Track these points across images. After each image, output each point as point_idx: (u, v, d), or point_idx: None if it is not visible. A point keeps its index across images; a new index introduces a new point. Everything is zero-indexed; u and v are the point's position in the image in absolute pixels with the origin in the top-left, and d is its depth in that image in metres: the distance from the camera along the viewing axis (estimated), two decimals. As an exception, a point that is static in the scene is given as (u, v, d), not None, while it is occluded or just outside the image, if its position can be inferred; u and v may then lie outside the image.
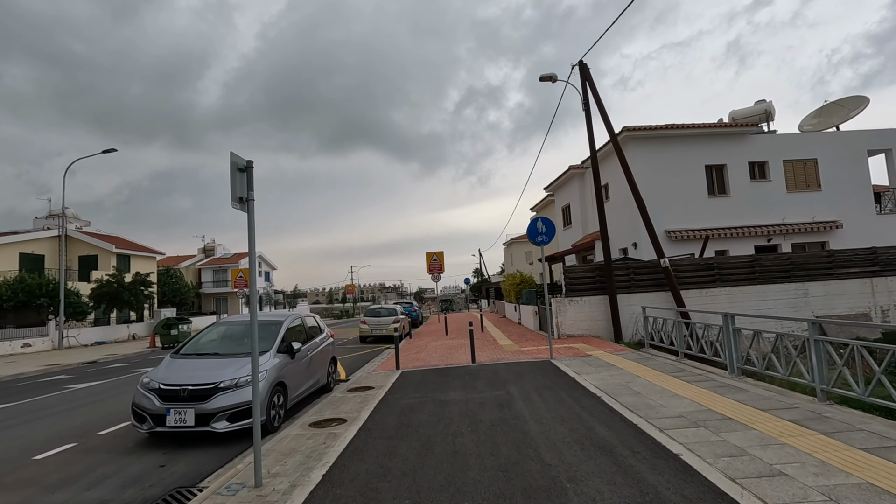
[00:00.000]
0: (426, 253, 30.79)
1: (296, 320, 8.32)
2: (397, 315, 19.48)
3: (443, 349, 14.30)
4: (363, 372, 11.35)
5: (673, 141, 19.05)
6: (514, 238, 55.90)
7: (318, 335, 9.12)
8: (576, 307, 14.79)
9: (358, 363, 13.53)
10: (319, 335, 9.16)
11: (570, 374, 8.63)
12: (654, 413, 5.68)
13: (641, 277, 15.16)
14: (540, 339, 15.36)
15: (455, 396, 7.45)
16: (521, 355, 11.71)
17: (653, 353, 10.41)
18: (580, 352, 11.43)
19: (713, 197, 19.10)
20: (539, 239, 10.85)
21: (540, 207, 34.43)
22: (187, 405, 5.95)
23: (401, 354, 13.48)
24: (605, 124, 15.10)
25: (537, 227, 10.84)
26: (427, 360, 12.12)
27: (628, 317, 14.69)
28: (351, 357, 15.17)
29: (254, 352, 4.51)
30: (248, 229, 4.61)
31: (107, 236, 35.75)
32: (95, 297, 28.05)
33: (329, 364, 9.28)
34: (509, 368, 9.75)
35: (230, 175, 4.43)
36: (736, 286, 15.19)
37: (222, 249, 57.79)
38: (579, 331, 14.71)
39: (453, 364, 10.95)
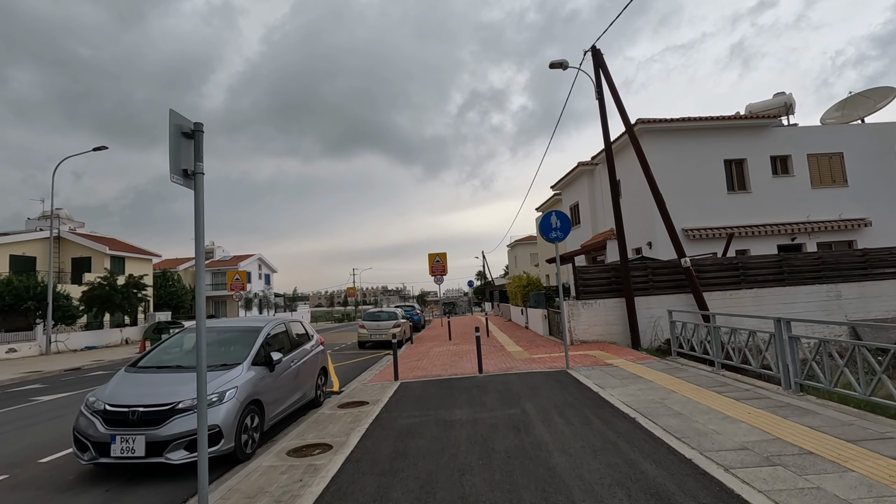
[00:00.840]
0: (428, 255, 29.84)
1: (278, 327, 7.27)
2: (398, 319, 18.43)
3: (446, 356, 13.23)
4: (358, 382, 10.29)
5: (689, 134, 17.97)
6: (518, 240, 54.85)
7: (306, 343, 8.06)
8: (590, 311, 13.70)
9: (354, 371, 12.46)
10: (307, 343, 8.11)
11: (593, 387, 7.54)
12: (708, 443, 4.59)
13: (660, 278, 14.05)
14: (551, 345, 14.26)
15: (461, 415, 6.38)
16: (532, 364, 10.62)
17: (682, 363, 9.31)
18: (598, 360, 10.34)
19: (733, 193, 18.00)
20: (553, 235, 9.79)
21: (546, 207, 33.34)
22: (137, 431, 4.90)
23: (401, 362, 12.42)
24: (619, 114, 14.04)
25: (551, 223, 9.78)
26: (429, 369, 11.05)
27: (646, 321, 13.59)
28: (347, 364, 14.11)
29: (200, 366, 3.46)
30: (195, 211, 3.57)
31: (101, 238, 34.85)
32: (86, 300, 27.09)
33: (318, 375, 8.22)
34: (522, 380, 8.66)
35: (170, 141, 3.40)
36: (763, 287, 14.06)
37: (221, 252, 56.92)
38: (594, 336, 13.61)
39: (458, 374, 9.88)
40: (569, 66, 14.10)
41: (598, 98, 14.18)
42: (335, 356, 16.31)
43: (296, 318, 8.37)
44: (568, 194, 26.37)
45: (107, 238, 35.61)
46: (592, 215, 23.26)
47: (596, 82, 14.12)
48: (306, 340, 8.15)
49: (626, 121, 14.07)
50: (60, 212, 34.97)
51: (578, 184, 24.39)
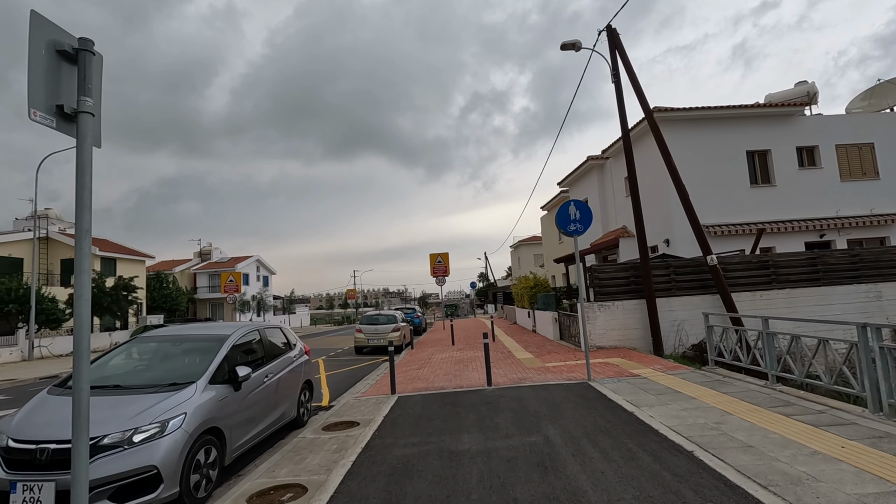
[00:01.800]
0: (430, 255, 28.60)
1: (249, 335, 6.08)
2: (397, 322, 17.24)
3: (449, 363, 12.03)
4: (351, 395, 9.10)
5: (709, 124, 16.78)
6: (521, 240, 53.63)
7: (286, 353, 6.88)
8: (607, 314, 12.50)
9: (348, 381, 11.27)
10: (287, 353, 6.92)
11: (625, 405, 6.34)
12: (810, 496, 3.39)
13: (683, 278, 12.85)
14: (563, 351, 13.04)
15: (470, 444, 5.18)
16: (547, 374, 9.42)
17: (723, 375, 8.08)
18: (622, 370, 9.13)
19: (756, 187, 16.79)
20: (572, 228, 8.60)
21: (552, 206, 32.17)
22: (46, 475, 3.72)
23: (400, 370, 11.23)
24: (638, 98, 12.87)
25: (569, 214, 8.59)
26: (431, 379, 9.86)
27: (669, 325, 12.39)
28: (342, 373, 12.92)
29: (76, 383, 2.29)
30: (78, 169, 2.40)
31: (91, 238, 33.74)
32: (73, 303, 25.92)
33: (301, 391, 7.03)
34: (538, 395, 7.46)
35: (31, 60, 2.22)
36: (795, 287, 12.85)
37: (219, 253, 55.80)
38: (611, 341, 12.41)
39: (464, 386, 8.68)
40: (582, 46, 12.96)
41: (613, 81, 13.03)
42: (329, 363, 15.13)
43: (274, 324, 7.18)
44: (576, 191, 25.17)
45: (97, 239, 34.49)
46: (603, 212, 22.06)
47: (612, 64, 12.96)
48: (287, 350, 6.96)
49: (645, 106, 12.89)
50: (49, 212, 33.91)
51: (587, 179, 23.20)
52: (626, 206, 20.00)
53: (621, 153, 19.82)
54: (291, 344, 7.20)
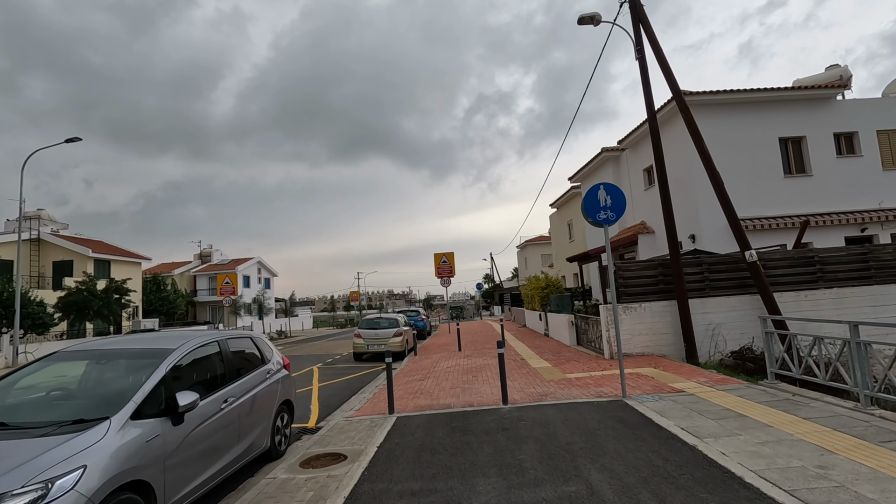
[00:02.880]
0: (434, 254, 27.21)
1: (203, 348, 4.78)
2: (399, 326, 15.94)
3: (457, 374, 10.72)
4: (342, 413, 7.81)
5: (738, 109, 15.40)
6: (528, 240, 52.28)
7: (257, 368, 5.60)
8: (632, 317, 11.15)
9: (343, 393, 9.98)
10: (259, 368, 5.64)
11: (682, 435, 5.00)
12: None
13: (719, 276, 11.47)
14: (584, 358, 11.69)
15: (488, 495, 3.88)
16: (571, 388, 8.08)
17: (789, 391, 6.71)
18: (660, 383, 7.79)
19: (790, 177, 15.38)
20: (602, 216, 7.27)
21: (561, 203, 30.83)
22: None
23: (401, 381, 9.92)
24: (665, 77, 11.53)
25: (598, 199, 7.26)
26: (435, 393, 8.55)
27: (702, 329, 11.02)
28: (337, 384, 11.63)
29: None
30: None
31: (83, 240, 32.74)
32: (62, 306, 24.87)
33: (277, 414, 5.74)
34: (566, 417, 6.14)
35: None
36: (844, 287, 11.44)
37: (220, 255, 54.78)
38: (638, 348, 11.06)
39: (474, 404, 7.37)
40: (601, 20, 11.65)
41: (638, 58, 11.70)
42: (325, 371, 13.85)
43: (242, 333, 5.88)
44: (589, 185, 23.77)
45: (90, 240, 33.49)
46: (618, 208, 20.66)
47: (635, 39, 11.64)
48: (258, 364, 5.68)
49: (673, 85, 11.54)
50: (42, 213, 32.93)
51: (601, 173, 21.83)
52: (644, 200, 18.64)
53: (640, 143, 18.49)
54: (265, 357, 5.91)
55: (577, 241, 27.59)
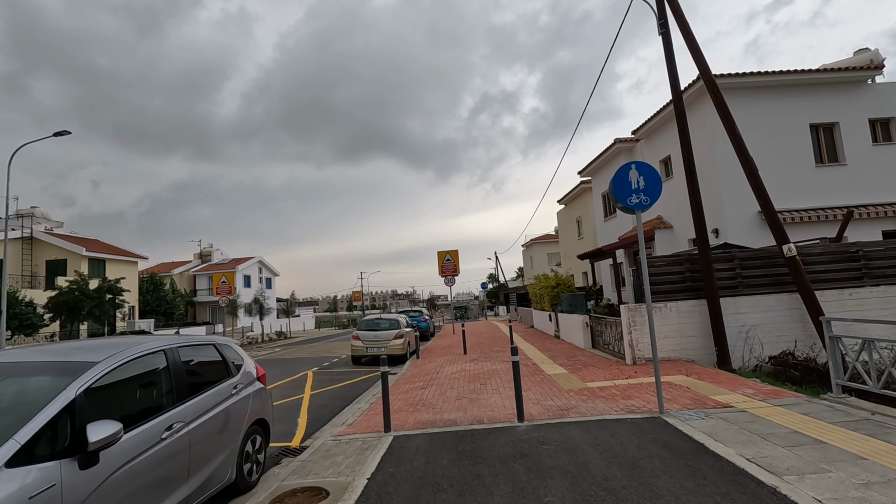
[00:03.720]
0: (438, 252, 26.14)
1: (141, 361, 3.73)
2: (400, 328, 14.90)
3: (462, 381, 9.67)
4: (332, 429, 6.79)
5: (764, 94, 14.29)
6: (533, 239, 51.18)
7: (221, 382, 4.57)
8: (657, 318, 10.05)
9: (336, 403, 8.95)
10: (224, 382, 4.61)
11: (754, 471, 3.94)
12: None
13: (752, 273, 10.38)
14: (603, 364, 10.61)
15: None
16: (595, 400, 7.01)
17: (866, 408, 5.61)
18: (699, 395, 6.71)
19: (822, 166, 14.24)
20: (634, 200, 6.20)
21: (570, 199, 29.71)
22: None
23: (401, 389, 8.87)
24: (691, 53, 10.47)
25: (629, 180, 6.19)
26: (439, 405, 7.51)
27: (735, 331, 9.95)
28: (331, 391, 10.60)
29: None
30: None
31: (77, 238, 31.89)
32: (52, 306, 23.97)
33: (246, 437, 4.72)
34: (597, 440, 5.08)
35: None
36: (891, 285, 10.33)
37: (220, 255, 53.96)
38: (664, 352, 9.97)
39: (484, 420, 6.33)
40: (621, -9, 10.54)
41: (661, 33, 10.63)
42: (319, 377, 12.84)
43: (203, 340, 4.82)
44: (600, 179, 22.69)
45: (85, 239, 32.65)
46: (632, 202, 19.54)
47: (658, 12, 10.58)
48: (222, 378, 4.65)
49: (700, 63, 10.45)
50: (35, 210, 32.12)
51: (614, 165, 20.70)
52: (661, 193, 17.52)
53: (656, 133, 17.26)
54: (232, 368, 4.88)
55: (587, 238, 26.50)
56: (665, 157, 17.10)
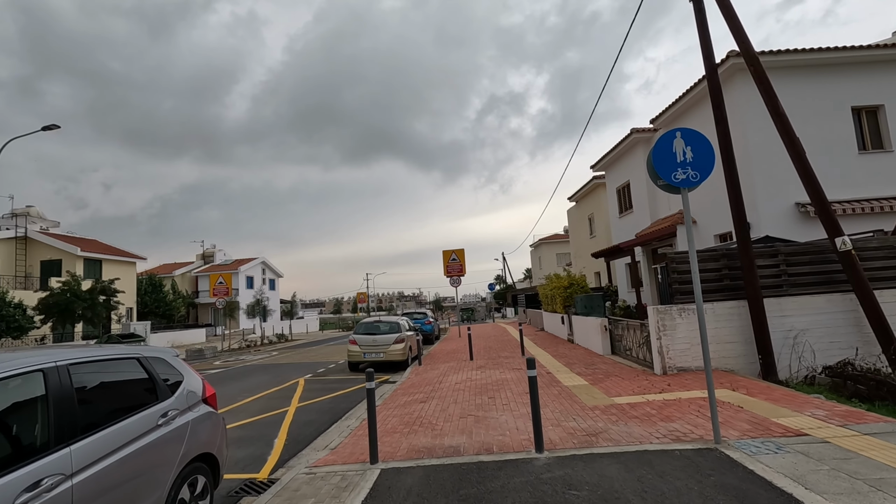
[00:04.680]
0: (443, 251, 25.07)
1: (15, 385, 2.58)
2: (401, 332, 13.72)
3: (468, 393, 8.48)
4: (311, 455, 5.63)
5: (801, 74, 12.99)
6: (542, 239, 49.93)
7: (141, 409, 3.41)
8: (690, 321, 8.82)
9: (321, 420, 7.80)
10: (145, 409, 3.45)
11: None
12: None
13: (800, 270, 9.11)
14: (626, 373, 9.36)
15: None
16: (628, 421, 5.79)
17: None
18: (756, 417, 5.47)
19: (865, 153, 12.90)
20: (680, 176, 4.98)
21: (580, 196, 28.43)
22: None
23: (398, 402, 7.61)
24: (728, 24, 9.23)
25: (673, 152, 4.97)
26: (439, 425, 6.33)
27: (780, 336, 8.68)
28: (320, 403, 9.45)
29: None
30: None
31: (72, 238, 31.09)
32: (43, 308, 23.09)
33: (179, 481, 3.55)
34: (642, 483, 3.88)
35: None
36: (961, 284, 9.00)
37: (223, 256, 53.16)
38: (698, 360, 8.73)
39: (494, 448, 5.14)
40: (647, -47, 9.35)
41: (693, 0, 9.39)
42: (311, 385, 11.70)
43: (123, 353, 3.66)
44: (615, 174, 21.41)
45: (81, 238, 31.86)
46: (651, 197, 18.28)
47: (689, -25, 9.34)
48: (146, 403, 3.49)
49: (739, 35, 9.19)
50: (31, 209, 31.36)
51: (630, 158, 19.44)
52: (683, 187, 16.22)
53: (679, 119, 15.65)
54: (163, 389, 3.72)
55: (600, 236, 25.21)
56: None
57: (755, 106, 12.58)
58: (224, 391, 11.44)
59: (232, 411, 8.94)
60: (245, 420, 8.11)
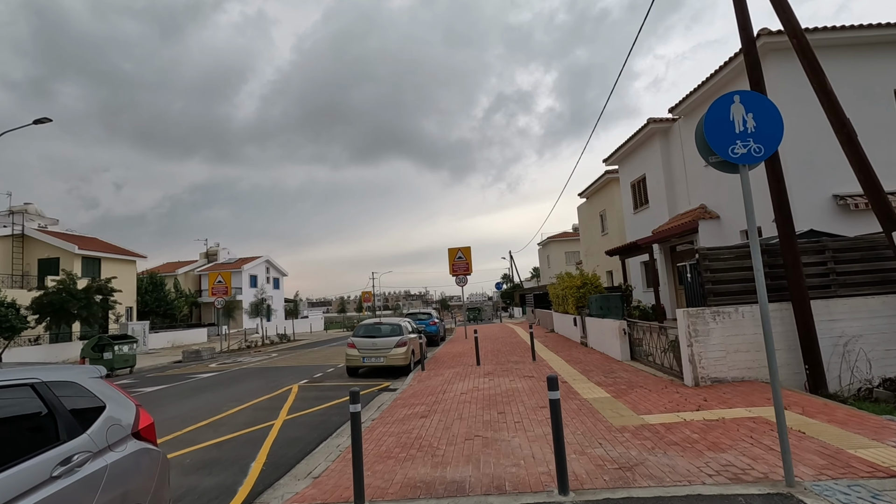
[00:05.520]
0: (449, 249, 24.09)
1: None
2: (403, 334, 12.81)
3: (475, 406, 7.54)
4: (289, 486, 4.75)
5: (840, 54, 11.92)
6: (551, 237, 48.84)
7: (39, 452, 2.49)
8: (726, 326, 7.81)
9: (309, 437, 6.89)
10: (47, 451, 2.54)
11: None
12: None
13: (850, 268, 8.08)
14: (651, 383, 8.37)
15: None
16: (668, 449, 4.82)
17: None
18: (827, 448, 4.49)
19: (911, 141, 11.79)
20: (739, 150, 3.99)
21: (591, 192, 27.36)
22: None
23: (395, 417, 6.65)
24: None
25: (731, 119, 4.00)
26: (441, 450, 5.40)
27: (828, 343, 7.67)
28: (312, 414, 8.55)
29: None
30: None
31: (72, 236, 30.50)
32: (37, 308, 22.45)
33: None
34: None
35: None
36: None
37: (227, 254, 52.61)
38: (735, 370, 7.72)
39: (506, 486, 4.21)
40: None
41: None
42: (304, 393, 10.81)
43: (10, 378, 2.78)
44: (629, 168, 20.34)
45: (80, 236, 31.27)
46: (669, 191, 17.22)
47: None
48: (40, 447, 2.58)
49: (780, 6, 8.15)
50: (29, 207, 30.81)
51: (647, 150, 18.38)
52: (705, 179, 15.16)
53: (701, 107, 14.38)
54: (71, 425, 2.80)
55: (612, 233, 24.14)
56: None
57: (789, 89, 11.55)
58: (210, 400, 10.59)
59: (212, 425, 8.07)
60: (224, 436, 7.23)
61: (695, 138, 4.24)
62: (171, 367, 19.41)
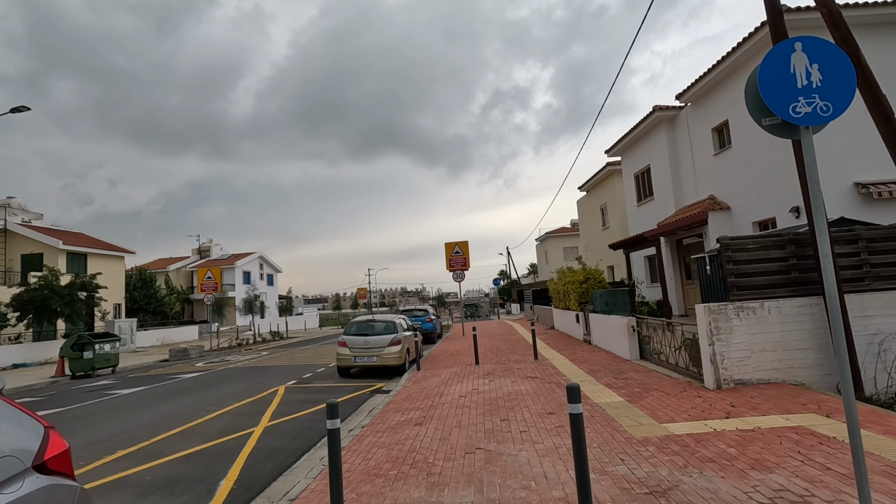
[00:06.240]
0: (445, 244, 23.43)
1: None
2: (397, 332, 12.08)
3: (475, 412, 6.83)
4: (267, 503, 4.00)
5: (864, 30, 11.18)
6: (549, 232, 48.13)
7: None
8: (751, 323, 7.12)
9: (290, 448, 6.15)
10: None
11: None
12: None
13: (886, 260, 7.39)
14: (667, 385, 7.67)
15: None
16: (703, 467, 4.11)
17: None
18: (892, 465, 3.79)
19: (936, 126, 11.10)
20: (802, 108, 3.26)
21: (591, 185, 26.66)
22: None
23: (387, 424, 5.94)
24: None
25: (791, 71, 3.27)
26: (438, 466, 4.68)
27: (862, 342, 7.01)
28: (296, 420, 7.81)
29: None
30: None
31: (56, 231, 29.57)
32: (17, 305, 21.60)
33: None
34: None
35: None
36: None
37: (219, 250, 51.65)
38: (761, 372, 7.03)
39: (517, 518, 3.48)
40: None
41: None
42: (292, 394, 10.07)
43: None
44: (633, 158, 19.64)
45: (65, 231, 30.36)
46: (675, 182, 16.52)
47: None
48: None
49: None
50: (13, 201, 29.85)
51: (653, 139, 17.67)
52: (714, 169, 14.48)
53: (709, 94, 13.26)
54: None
55: (613, 227, 23.45)
56: (719, 125, 14.06)
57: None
58: (188, 403, 9.84)
59: (185, 433, 7.31)
60: (195, 448, 6.48)
61: (744, 97, 3.51)
62: (156, 366, 18.62)
